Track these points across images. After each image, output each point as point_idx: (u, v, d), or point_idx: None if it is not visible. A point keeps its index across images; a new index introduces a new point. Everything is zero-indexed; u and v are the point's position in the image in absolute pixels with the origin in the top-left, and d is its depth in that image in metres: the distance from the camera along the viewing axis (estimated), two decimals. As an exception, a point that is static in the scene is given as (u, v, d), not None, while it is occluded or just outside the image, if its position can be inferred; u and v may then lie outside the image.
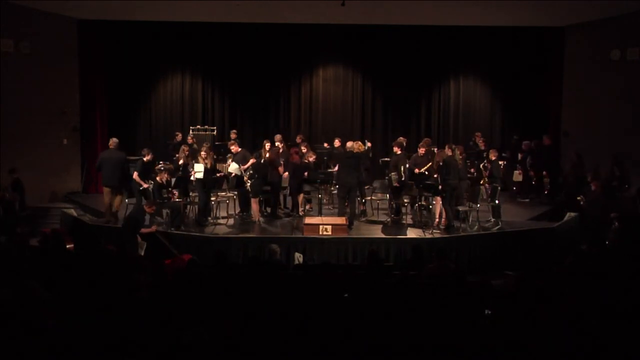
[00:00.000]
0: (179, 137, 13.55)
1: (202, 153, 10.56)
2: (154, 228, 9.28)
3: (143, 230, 9.15)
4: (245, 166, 10.87)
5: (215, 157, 11.49)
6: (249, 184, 10.65)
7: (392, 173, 10.62)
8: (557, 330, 4.78)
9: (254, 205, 10.62)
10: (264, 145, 11.49)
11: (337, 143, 12.36)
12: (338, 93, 15.75)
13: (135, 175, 10.62)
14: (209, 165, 10.51)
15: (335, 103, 15.75)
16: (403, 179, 10.48)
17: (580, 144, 13.05)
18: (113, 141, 11.05)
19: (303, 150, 11.52)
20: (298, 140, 12.77)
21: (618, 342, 4.55)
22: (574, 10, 12.11)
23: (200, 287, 6.18)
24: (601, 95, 13.03)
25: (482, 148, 12.93)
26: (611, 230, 9.65)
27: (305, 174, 11.06)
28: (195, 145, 12.48)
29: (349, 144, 10.66)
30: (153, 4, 12.13)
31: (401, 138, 11.80)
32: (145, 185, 10.51)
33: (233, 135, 13.57)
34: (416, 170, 10.69)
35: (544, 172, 12.74)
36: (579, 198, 11.24)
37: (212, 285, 6.36)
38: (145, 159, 10.87)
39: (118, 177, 10.74)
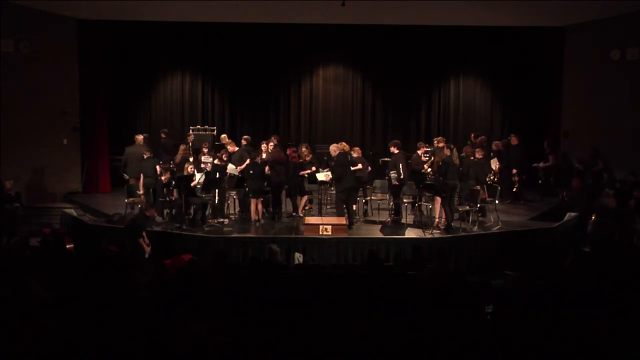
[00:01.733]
0: (191, 137, 13.47)
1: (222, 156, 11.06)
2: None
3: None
4: (241, 167, 10.89)
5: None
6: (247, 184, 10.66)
7: (392, 172, 10.62)
8: (556, 329, 4.78)
9: (254, 205, 10.62)
10: (261, 147, 11.53)
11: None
12: (338, 93, 15.76)
13: (158, 168, 11.15)
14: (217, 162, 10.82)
15: (335, 103, 15.77)
16: (402, 177, 10.48)
17: (581, 144, 13.05)
18: (139, 138, 12.23)
19: (303, 150, 11.51)
20: (274, 140, 12.44)
21: (617, 341, 4.56)
22: (574, 10, 12.10)
23: (200, 287, 6.18)
24: (601, 95, 13.01)
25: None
26: (589, 223, 9.78)
27: (306, 175, 11.06)
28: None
29: (336, 146, 10.57)
30: (153, 4, 12.12)
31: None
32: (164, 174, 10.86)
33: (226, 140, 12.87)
34: (426, 167, 10.73)
35: (514, 171, 12.47)
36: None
37: (212, 285, 6.36)
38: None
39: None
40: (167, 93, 15.59)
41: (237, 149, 11.54)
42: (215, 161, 11.16)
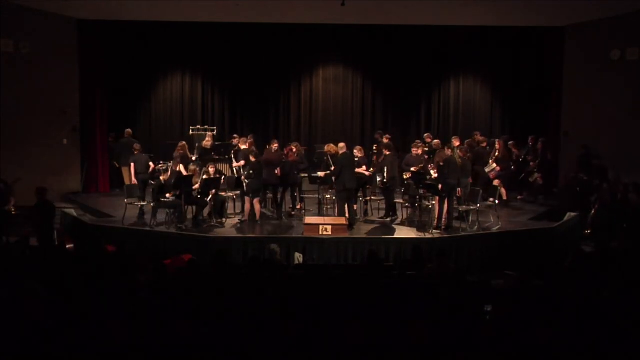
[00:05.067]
0: (236, 140, 13.35)
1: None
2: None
3: None
4: (239, 164, 10.97)
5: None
6: (245, 184, 10.68)
7: (377, 175, 10.61)
8: (556, 330, 4.78)
9: (248, 205, 10.64)
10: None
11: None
12: (338, 93, 15.76)
13: (151, 165, 12.12)
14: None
15: (335, 103, 15.76)
16: (385, 180, 10.43)
17: (580, 144, 13.04)
18: (129, 131, 13.46)
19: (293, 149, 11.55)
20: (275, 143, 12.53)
21: (617, 341, 4.56)
22: (574, 10, 12.10)
23: (200, 287, 6.18)
24: (601, 95, 13.01)
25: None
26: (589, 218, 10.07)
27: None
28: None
29: (340, 145, 10.57)
30: (153, 4, 12.11)
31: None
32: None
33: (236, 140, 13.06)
34: (413, 169, 10.74)
35: None
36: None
37: (212, 285, 6.35)
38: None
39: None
40: (167, 93, 15.59)
41: (244, 147, 11.67)
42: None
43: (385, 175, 10.37)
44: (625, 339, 4.61)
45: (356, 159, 10.86)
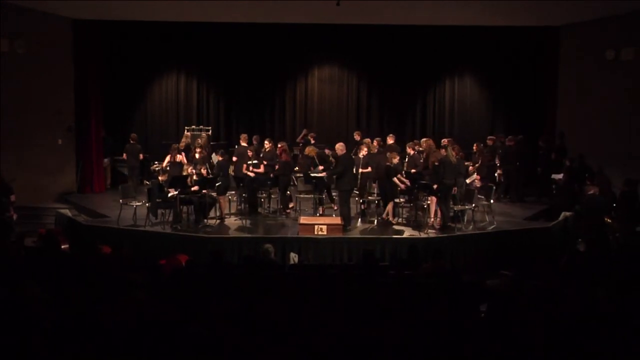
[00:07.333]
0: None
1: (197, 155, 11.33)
2: None
3: None
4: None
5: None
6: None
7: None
8: (551, 330, 4.79)
9: (222, 203, 10.87)
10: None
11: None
12: (333, 93, 15.78)
13: (141, 155, 13.14)
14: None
15: (330, 103, 15.78)
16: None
17: (576, 144, 13.09)
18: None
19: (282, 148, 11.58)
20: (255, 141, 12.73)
21: (614, 341, 4.57)
22: (569, 10, 12.12)
23: (197, 287, 6.17)
24: (596, 95, 13.06)
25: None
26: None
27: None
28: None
29: (341, 145, 10.57)
30: (149, 4, 12.08)
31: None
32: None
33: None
34: (412, 170, 10.76)
35: None
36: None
37: (208, 285, 6.34)
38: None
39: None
40: (162, 93, 15.59)
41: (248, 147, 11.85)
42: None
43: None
44: (623, 338, 4.62)
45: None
